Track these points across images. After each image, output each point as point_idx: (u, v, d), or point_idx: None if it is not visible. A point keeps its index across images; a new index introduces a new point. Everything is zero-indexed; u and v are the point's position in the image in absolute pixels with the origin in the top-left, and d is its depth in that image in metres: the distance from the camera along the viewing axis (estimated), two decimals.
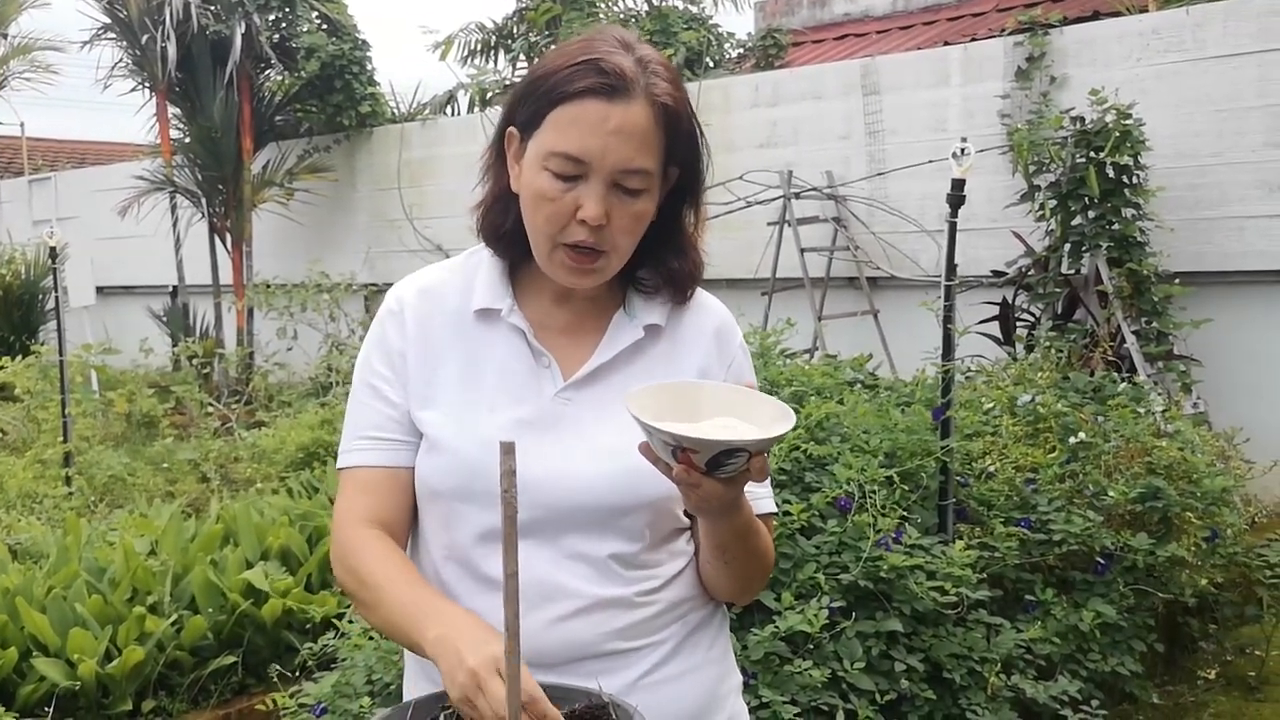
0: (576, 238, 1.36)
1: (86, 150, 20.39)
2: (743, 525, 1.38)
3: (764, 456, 1.23)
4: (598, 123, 1.33)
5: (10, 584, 3.96)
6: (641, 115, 1.35)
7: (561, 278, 1.42)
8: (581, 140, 1.34)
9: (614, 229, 1.37)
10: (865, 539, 3.09)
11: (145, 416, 7.81)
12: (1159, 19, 6.77)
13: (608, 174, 1.34)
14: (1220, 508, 4.00)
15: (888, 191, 7.70)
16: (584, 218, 1.35)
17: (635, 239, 1.41)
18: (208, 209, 11.15)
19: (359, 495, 1.45)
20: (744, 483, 1.27)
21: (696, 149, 1.44)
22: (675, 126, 1.38)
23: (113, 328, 11.28)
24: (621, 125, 1.34)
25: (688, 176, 1.45)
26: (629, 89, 1.34)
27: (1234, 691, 4.08)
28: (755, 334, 4.45)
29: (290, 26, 11.14)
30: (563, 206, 1.36)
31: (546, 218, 1.37)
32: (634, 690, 1.38)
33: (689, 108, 1.42)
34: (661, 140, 1.37)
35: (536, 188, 1.37)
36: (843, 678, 2.88)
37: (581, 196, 1.35)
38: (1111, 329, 6.12)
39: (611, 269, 1.42)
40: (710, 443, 1.19)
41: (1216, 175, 6.45)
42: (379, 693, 2.82)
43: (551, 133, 1.36)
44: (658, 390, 1.31)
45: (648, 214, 1.40)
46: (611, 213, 1.36)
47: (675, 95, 1.38)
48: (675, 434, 1.18)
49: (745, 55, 11.23)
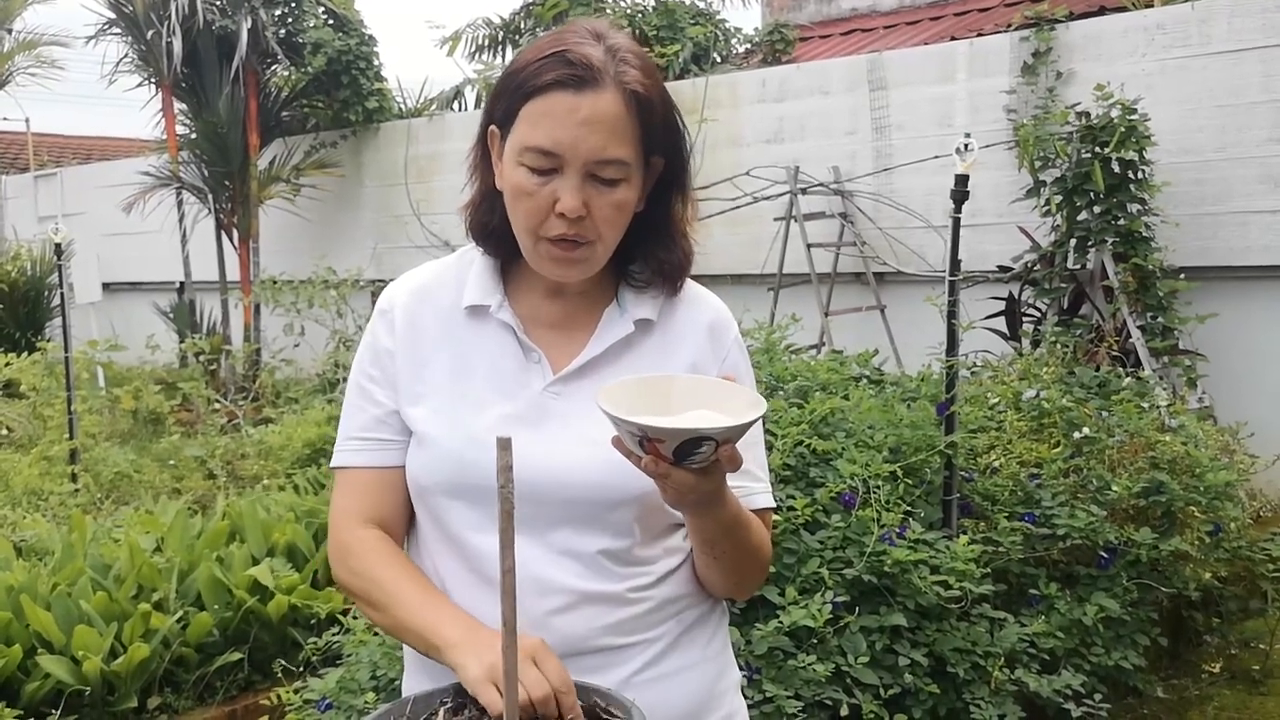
0: (557, 231, 1.36)
1: (92, 146, 20.41)
2: (729, 519, 1.36)
3: (732, 446, 1.21)
4: (566, 114, 1.33)
5: (15, 581, 3.97)
6: (612, 104, 1.34)
7: (548, 271, 1.42)
8: (552, 133, 1.34)
9: (595, 220, 1.37)
10: (869, 534, 3.09)
11: (151, 413, 7.82)
12: (1164, 14, 6.74)
13: (581, 165, 1.34)
14: (1224, 502, 4.01)
15: (894, 187, 7.69)
16: (561, 210, 1.35)
17: (619, 229, 1.40)
18: (214, 205, 11.15)
19: (352, 495, 1.48)
20: (719, 474, 1.26)
21: (677, 137, 1.43)
22: (649, 114, 1.37)
23: (119, 324, 11.32)
24: (591, 115, 1.33)
25: (672, 166, 1.45)
26: (597, 79, 1.34)
27: (1238, 685, 4.08)
28: (761, 329, 4.45)
29: (296, 22, 11.13)
30: (540, 201, 1.36)
31: (526, 212, 1.37)
32: (628, 686, 1.38)
33: (664, 94, 1.40)
34: (635, 129, 1.36)
35: (515, 183, 1.37)
36: (846, 672, 2.89)
37: (558, 190, 1.35)
38: (1117, 324, 6.11)
39: (598, 259, 1.41)
40: (673, 431, 1.18)
41: (1221, 170, 6.44)
42: (383, 688, 2.83)
43: (524, 127, 1.36)
44: (634, 384, 1.30)
45: (628, 203, 1.39)
46: (590, 203, 1.36)
47: (646, 82, 1.37)
48: (639, 424, 1.17)
49: (752, 50, 11.22)
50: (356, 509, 1.47)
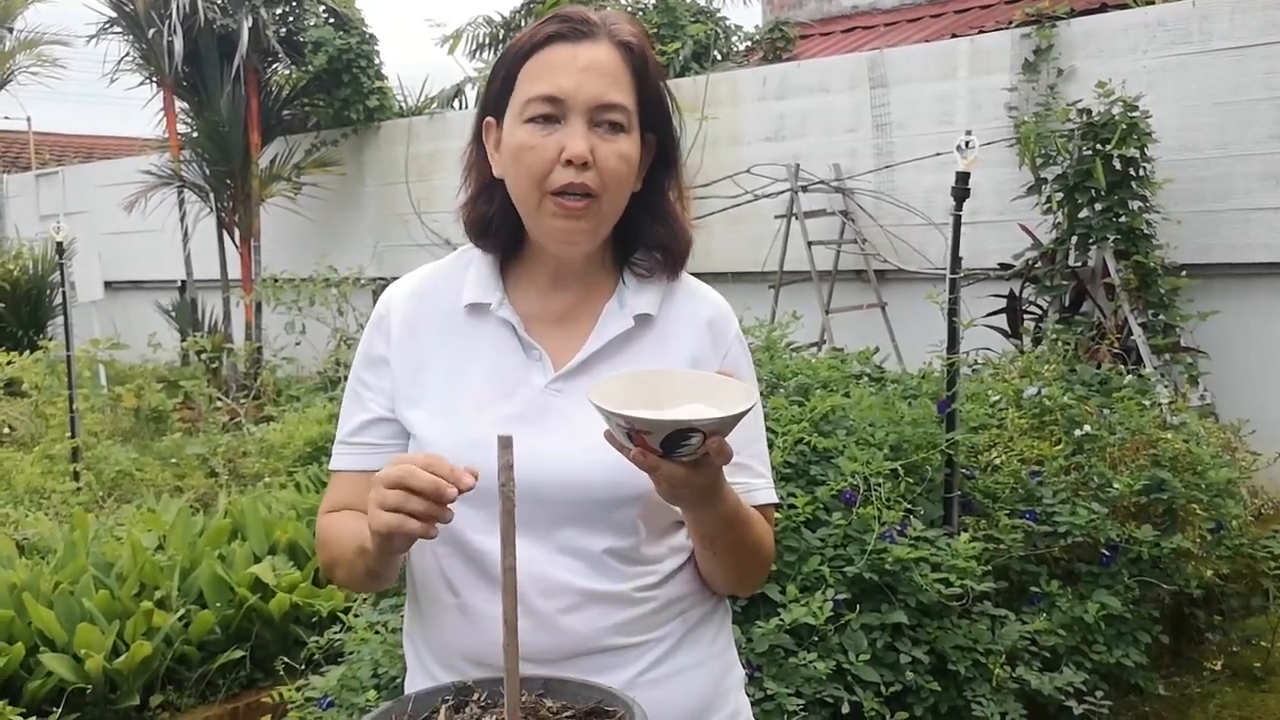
0: (564, 180, 1.36)
1: (94, 145, 20.42)
2: (727, 514, 1.36)
3: (721, 438, 1.21)
4: (567, 62, 1.37)
5: (18, 579, 3.98)
6: (607, 54, 1.39)
7: (554, 236, 1.41)
8: (555, 80, 1.37)
9: (601, 169, 1.37)
10: (870, 531, 3.10)
11: (153, 411, 7.82)
12: (1165, 11, 6.74)
13: (584, 109, 1.36)
14: (1225, 499, 4.00)
15: (895, 184, 7.69)
16: (569, 156, 1.35)
17: (622, 185, 1.41)
18: (215, 203, 11.17)
19: (336, 496, 1.51)
20: (711, 467, 1.25)
21: (667, 108, 1.46)
22: (643, 69, 1.41)
23: (121, 323, 11.31)
24: (591, 62, 1.37)
25: (664, 142, 1.47)
26: (593, 31, 1.39)
27: (1239, 683, 4.08)
28: (762, 327, 4.44)
29: (297, 20, 11.15)
30: (546, 152, 1.36)
31: (530, 166, 1.37)
32: (634, 687, 1.37)
33: (655, 58, 1.45)
34: (631, 79, 1.40)
35: (518, 142, 1.38)
36: (848, 670, 2.89)
37: (564, 138, 1.36)
38: (1118, 321, 6.11)
39: (601, 220, 1.41)
40: (658, 423, 1.17)
41: (1223, 167, 6.44)
42: (385, 686, 2.83)
43: (525, 84, 1.39)
44: (627, 378, 1.30)
45: (631, 158, 1.40)
46: (596, 151, 1.36)
47: (638, 35, 1.42)
48: (626, 416, 1.17)
49: (753, 48, 11.22)
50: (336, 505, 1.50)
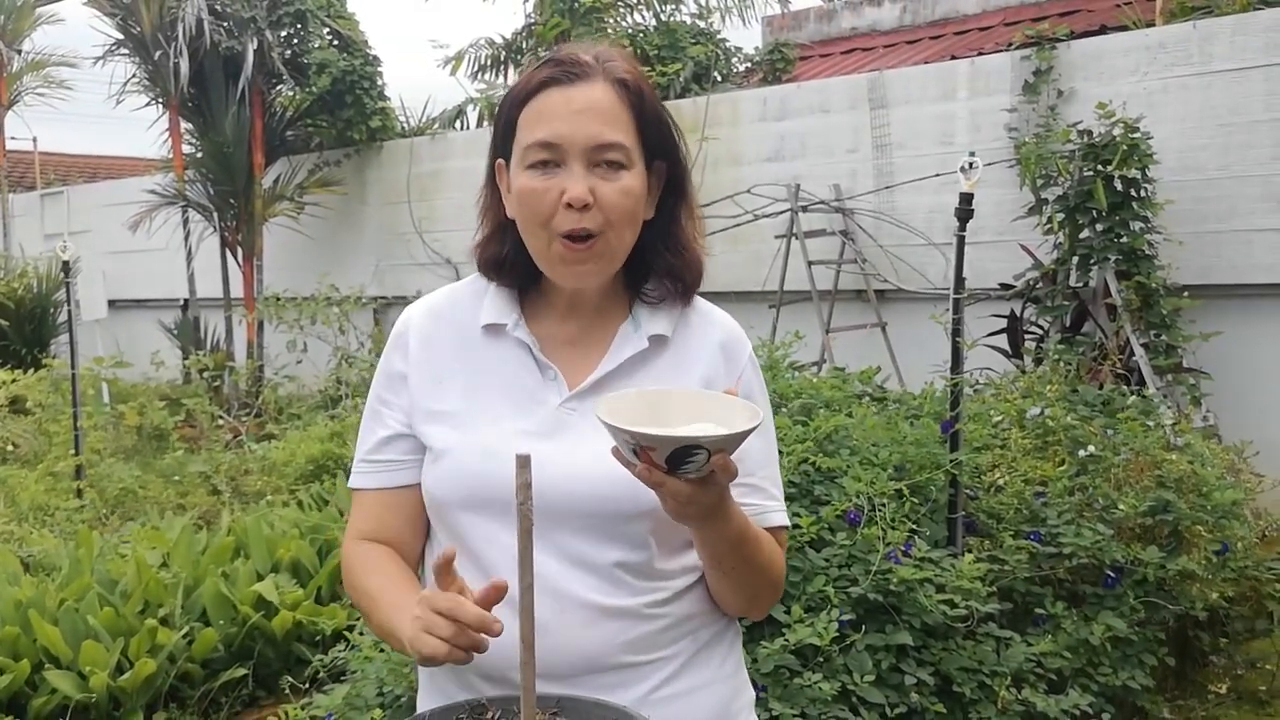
0: (568, 225, 1.39)
1: (99, 165, 20.50)
2: (734, 535, 1.37)
3: (725, 456, 1.22)
4: (561, 106, 1.39)
5: (22, 596, 3.98)
6: (602, 93, 1.40)
7: (563, 275, 1.44)
8: (550, 125, 1.39)
9: (604, 208, 1.39)
10: (875, 552, 3.10)
11: (156, 429, 7.84)
12: (1166, 33, 6.77)
13: (581, 151, 1.38)
14: (1230, 521, 4.00)
15: (895, 205, 7.71)
16: (569, 199, 1.37)
17: (628, 219, 1.42)
18: (219, 223, 11.20)
19: (359, 515, 1.53)
20: (717, 485, 1.26)
21: (672, 136, 1.48)
22: (640, 104, 1.43)
23: (124, 341, 11.34)
24: (585, 105, 1.39)
25: (673, 168, 1.49)
26: (586, 72, 1.41)
27: (1245, 706, 4.07)
28: (763, 347, 4.46)
29: (302, 42, 11.20)
30: (548, 196, 1.39)
31: (534, 211, 1.40)
32: (644, 704, 1.38)
33: (652, 90, 1.46)
34: (629, 116, 1.42)
35: (522, 189, 1.41)
36: (852, 691, 2.89)
37: (564, 182, 1.38)
38: (1120, 342, 6.11)
39: (611, 255, 1.43)
40: (664, 439, 1.18)
41: (1224, 188, 6.45)
42: (390, 705, 2.83)
43: (524, 131, 1.41)
44: (634, 396, 1.32)
45: (634, 192, 1.41)
46: (596, 191, 1.38)
47: (633, 73, 1.44)
48: (632, 431, 1.18)
49: (753, 70, 11.26)
50: (361, 528, 1.52)
